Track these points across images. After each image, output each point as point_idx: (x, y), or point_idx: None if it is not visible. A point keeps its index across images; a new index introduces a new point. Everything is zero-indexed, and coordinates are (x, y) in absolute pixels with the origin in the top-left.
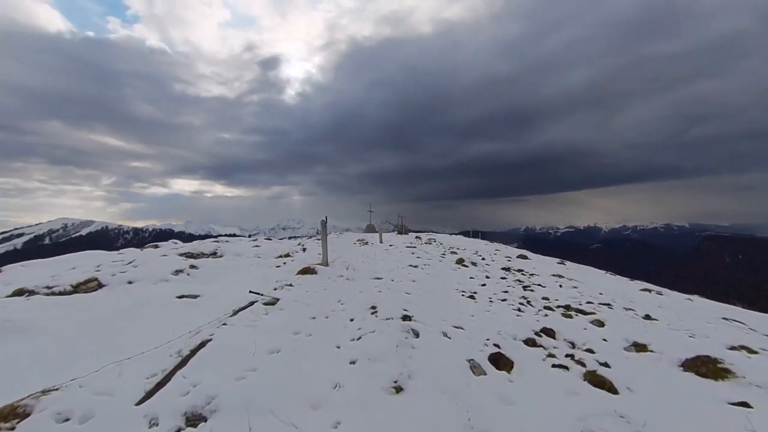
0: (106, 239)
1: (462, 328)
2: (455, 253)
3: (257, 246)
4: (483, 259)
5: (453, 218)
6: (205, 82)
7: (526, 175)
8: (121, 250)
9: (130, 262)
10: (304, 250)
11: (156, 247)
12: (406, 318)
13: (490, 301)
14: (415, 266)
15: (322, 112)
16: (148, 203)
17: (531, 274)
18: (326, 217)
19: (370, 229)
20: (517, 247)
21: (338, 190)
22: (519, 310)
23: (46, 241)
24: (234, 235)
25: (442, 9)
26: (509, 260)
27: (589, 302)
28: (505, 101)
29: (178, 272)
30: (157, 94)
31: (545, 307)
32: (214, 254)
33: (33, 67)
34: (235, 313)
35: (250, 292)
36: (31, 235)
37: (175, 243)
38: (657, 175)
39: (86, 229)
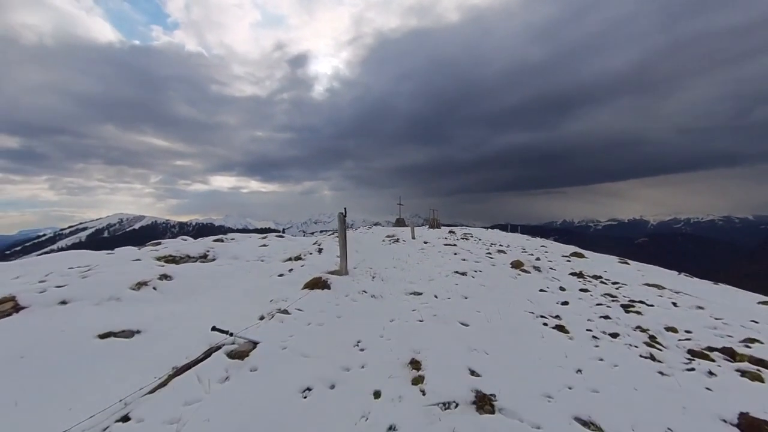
0: (155, 233)
1: (592, 425)
2: (503, 251)
3: (264, 245)
4: (538, 259)
5: (484, 212)
6: (238, 83)
7: (563, 165)
8: (114, 249)
9: (88, 270)
10: (320, 251)
11: (157, 244)
12: (480, 400)
13: (593, 336)
14: (463, 273)
15: (350, 107)
16: (191, 199)
17: (616, 283)
18: (345, 210)
19: (400, 222)
20: (542, 239)
21: (367, 184)
22: (652, 358)
23: (105, 234)
24: (269, 230)
25: None
26: (568, 260)
27: (751, 340)
28: (539, 88)
29: (140, 285)
30: (196, 96)
31: (692, 352)
32: (204, 257)
33: (89, 75)
34: (167, 380)
35: (214, 329)
36: (93, 229)
37: (185, 239)
38: (714, 163)
39: (139, 224)
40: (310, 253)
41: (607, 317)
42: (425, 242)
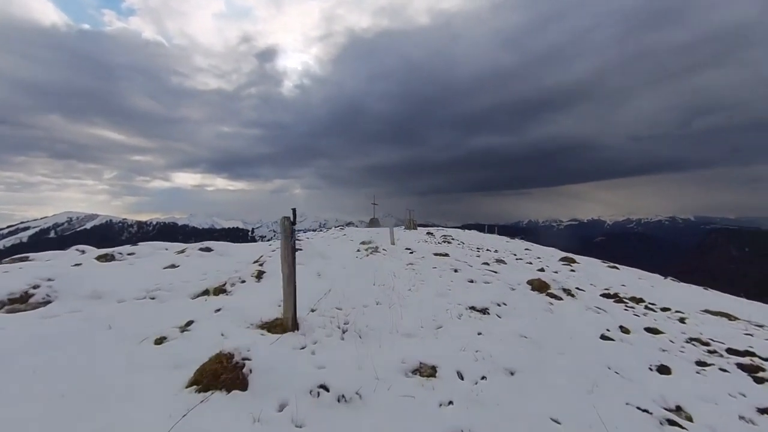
0: (111, 233)
1: None
2: (502, 261)
3: (173, 267)
4: (556, 272)
5: (457, 211)
6: (202, 75)
7: (529, 167)
8: None
9: None
10: (260, 277)
11: (23, 260)
12: None
13: None
14: (483, 311)
15: (322, 105)
16: (151, 197)
17: (667, 310)
18: (294, 212)
19: (374, 223)
20: (521, 240)
21: (341, 183)
22: None
23: (52, 234)
24: (237, 229)
25: (439, 0)
26: (572, 270)
27: None
28: (507, 93)
29: None
30: (155, 87)
31: None
32: (24, 300)
33: (30, 60)
34: None
35: None
36: (37, 229)
37: (80, 251)
38: (662, 168)
39: (91, 223)
40: (242, 281)
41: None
42: (410, 250)
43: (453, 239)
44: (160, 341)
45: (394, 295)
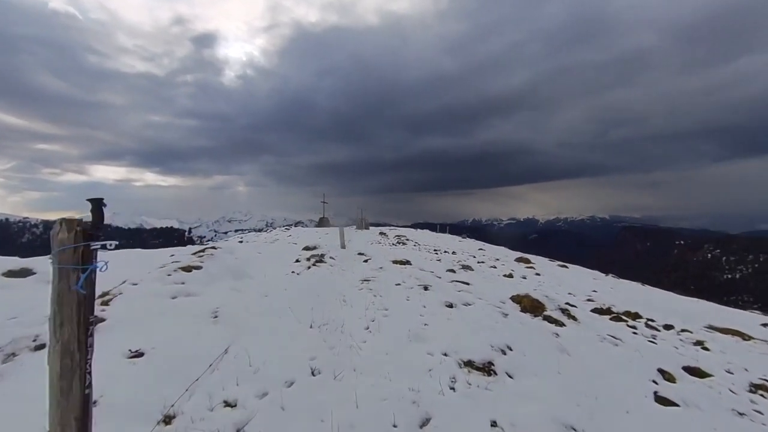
0: (6, 234)
1: None
2: (469, 268)
3: None
4: (510, 277)
5: (407, 211)
6: (127, 56)
7: (473, 169)
8: None
9: None
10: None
11: None
12: None
13: None
14: (486, 368)
15: (268, 98)
16: (62, 192)
17: (670, 327)
18: (98, 204)
19: (324, 222)
20: (462, 237)
21: (289, 180)
22: None
23: None
24: (171, 229)
25: (389, 1)
26: (538, 274)
27: None
28: (453, 98)
29: None
30: (66, 66)
31: None
32: None
33: None
34: None
35: None
36: None
37: None
38: (585, 172)
39: None
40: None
41: None
42: (363, 257)
43: (408, 240)
44: None
45: (343, 346)
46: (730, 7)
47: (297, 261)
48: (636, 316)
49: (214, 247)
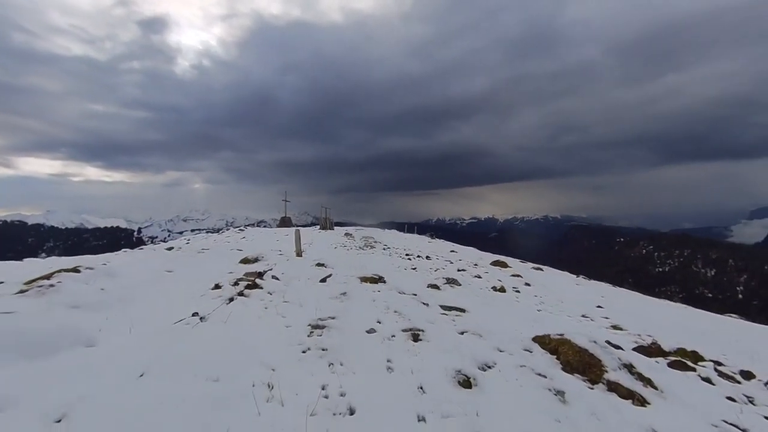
0: None
1: None
2: (454, 281)
3: None
4: (503, 291)
5: (372, 210)
6: (61, 37)
7: (435, 170)
8: None
9: None
10: None
11: None
12: None
13: None
14: None
15: (226, 90)
16: None
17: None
18: None
19: (286, 222)
20: (430, 237)
21: (250, 178)
22: None
23: None
24: (117, 229)
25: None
26: (527, 284)
27: None
28: (417, 99)
29: None
30: None
31: None
32: None
33: None
34: None
35: None
36: None
37: None
38: (537, 175)
39: None
40: None
41: None
42: (323, 271)
43: (376, 242)
44: None
45: None
46: (658, 30)
47: (217, 286)
48: (696, 357)
49: (77, 269)
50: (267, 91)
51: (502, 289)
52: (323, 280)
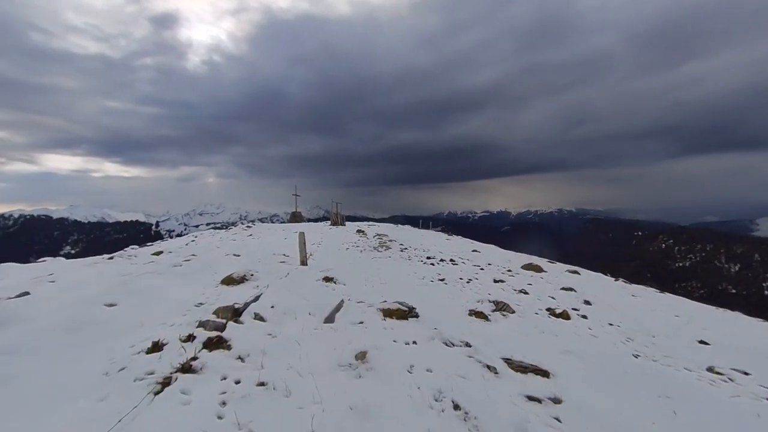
0: None
1: None
2: (505, 307)
3: None
4: (566, 318)
5: (382, 204)
6: (76, 36)
7: (445, 163)
8: None
9: None
10: None
11: None
12: None
13: None
14: None
15: (237, 85)
16: (9, 183)
17: None
18: None
19: (297, 217)
20: (446, 233)
21: (262, 172)
22: None
23: None
24: (137, 223)
25: None
26: (589, 304)
27: None
28: (426, 91)
29: None
30: (6, 44)
31: None
32: None
33: None
34: None
35: None
36: None
37: None
38: (550, 167)
39: None
40: None
41: None
42: (335, 293)
43: (391, 240)
44: None
45: None
46: (678, 16)
47: (156, 347)
48: None
49: None
50: (276, 86)
51: (565, 315)
52: (330, 319)
